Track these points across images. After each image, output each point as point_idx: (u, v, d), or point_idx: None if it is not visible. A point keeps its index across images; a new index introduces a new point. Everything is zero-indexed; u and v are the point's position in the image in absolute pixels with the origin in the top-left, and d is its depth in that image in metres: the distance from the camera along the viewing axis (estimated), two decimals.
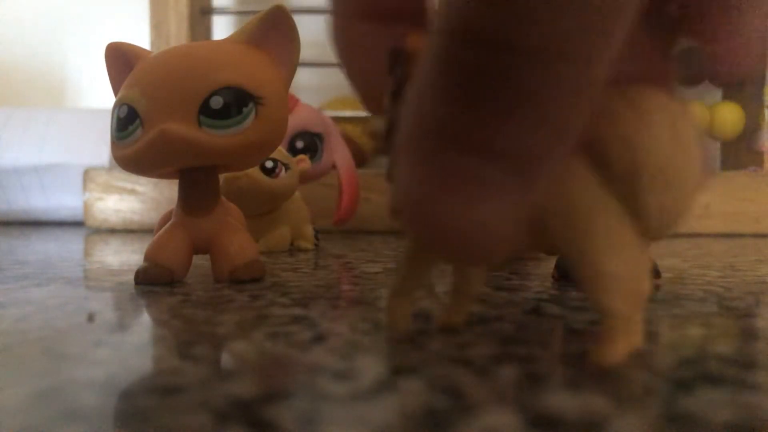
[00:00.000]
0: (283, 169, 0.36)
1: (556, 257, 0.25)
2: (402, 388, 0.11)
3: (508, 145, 0.10)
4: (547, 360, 0.13)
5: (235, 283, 0.24)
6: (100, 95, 0.90)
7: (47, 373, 0.12)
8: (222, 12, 0.81)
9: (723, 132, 0.75)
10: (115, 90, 0.25)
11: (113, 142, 0.23)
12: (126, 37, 0.28)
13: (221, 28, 0.83)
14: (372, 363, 0.12)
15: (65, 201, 0.67)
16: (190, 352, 0.13)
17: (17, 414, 0.09)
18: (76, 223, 0.68)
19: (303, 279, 0.25)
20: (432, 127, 0.10)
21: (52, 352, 0.13)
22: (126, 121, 0.22)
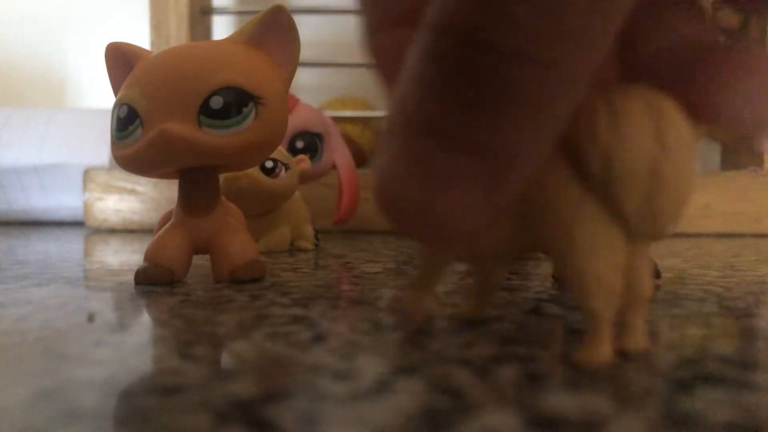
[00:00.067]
0: (283, 169, 0.36)
1: None
2: (402, 388, 0.11)
3: (483, 141, 0.10)
4: (547, 360, 0.13)
5: (235, 283, 0.24)
6: (100, 95, 0.90)
7: (47, 373, 0.12)
8: (222, 12, 0.81)
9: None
10: (115, 90, 0.25)
11: (113, 142, 0.23)
12: (126, 37, 0.28)
13: (221, 28, 0.82)
14: (372, 363, 0.12)
15: (65, 201, 0.67)
16: (190, 352, 0.13)
17: (17, 414, 0.09)
18: (76, 223, 0.67)
19: (303, 279, 0.25)
20: (415, 117, 0.11)
21: (52, 352, 0.13)
22: (126, 121, 0.22)
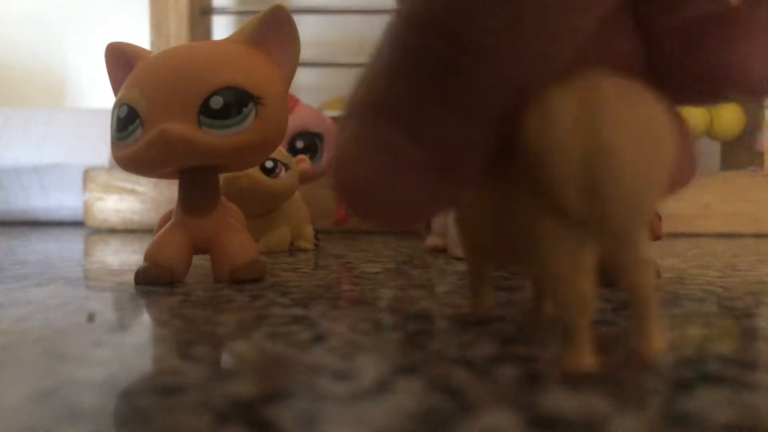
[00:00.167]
0: (283, 169, 0.36)
1: None
2: (402, 388, 0.11)
3: (435, 132, 0.11)
4: (547, 360, 0.13)
5: (235, 283, 0.24)
6: (100, 95, 0.90)
7: (47, 373, 0.12)
8: (222, 12, 0.81)
9: (723, 132, 0.75)
10: (115, 90, 0.25)
11: (113, 142, 0.23)
12: (126, 37, 0.28)
13: (221, 28, 0.82)
14: (372, 363, 0.12)
15: (65, 201, 0.67)
16: (190, 352, 0.13)
17: (17, 414, 0.09)
18: (76, 223, 0.67)
19: (303, 279, 0.25)
20: (375, 101, 0.11)
21: (52, 352, 0.13)
22: (126, 121, 0.22)
